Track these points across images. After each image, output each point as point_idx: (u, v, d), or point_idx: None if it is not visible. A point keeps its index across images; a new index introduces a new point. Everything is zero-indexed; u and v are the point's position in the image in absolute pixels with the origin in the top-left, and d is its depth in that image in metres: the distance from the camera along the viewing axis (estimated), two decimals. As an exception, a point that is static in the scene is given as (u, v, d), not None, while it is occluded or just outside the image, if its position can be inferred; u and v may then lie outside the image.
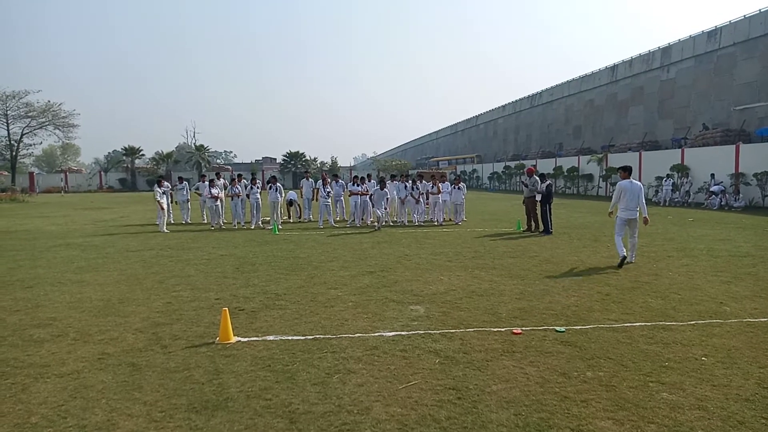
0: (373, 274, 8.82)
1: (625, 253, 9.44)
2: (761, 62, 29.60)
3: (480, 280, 8.25)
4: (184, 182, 19.82)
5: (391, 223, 17.76)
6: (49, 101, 55.67)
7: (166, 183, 18.02)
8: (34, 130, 55.65)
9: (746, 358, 4.78)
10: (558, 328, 5.69)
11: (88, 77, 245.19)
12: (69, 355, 5.06)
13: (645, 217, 9.66)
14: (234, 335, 5.47)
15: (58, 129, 57.02)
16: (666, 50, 37.63)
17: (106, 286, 8.10)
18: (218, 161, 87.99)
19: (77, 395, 4.15)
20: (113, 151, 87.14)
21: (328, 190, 17.47)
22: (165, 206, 16.66)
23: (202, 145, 66.51)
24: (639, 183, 9.91)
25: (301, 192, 19.80)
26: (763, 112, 29.17)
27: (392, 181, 19.37)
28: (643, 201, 9.71)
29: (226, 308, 5.59)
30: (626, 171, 10.12)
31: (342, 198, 19.00)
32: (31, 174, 59.83)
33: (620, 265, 9.29)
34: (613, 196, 9.99)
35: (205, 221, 18.68)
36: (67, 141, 64.66)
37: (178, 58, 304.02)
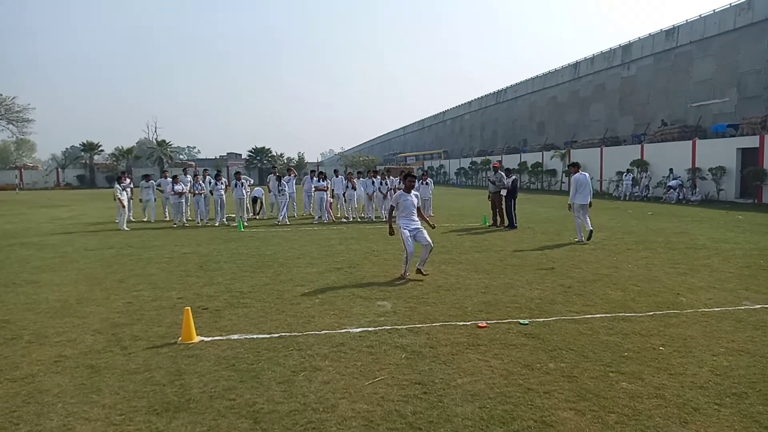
0: (340, 271, 8.79)
1: (582, 238, 11.60)
2: (716, 61, 30.66)
3: (446, 275, 8.31)
4: (151, 181, 19.20)
5: (359, 219, 17.75)
6: (1, 95, 53.59)
7: (127, 179, 17.56)
8: (-14, 125, 53.48)
9: (701, 347, 4.95)
10: (522, 321, 5.78)
11: (44, 70, 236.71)
12: (23, 358, 4.88)
13: (591, 202, 11.84)
14: (197, 335, 5.37)
15: (12, 124, 54.97)
16: (627, 48, 38.58)
17: (64, 287, 7.85)
18: (181, 157, 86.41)
19: (31, 400, 4.00)
20: (71, 147, 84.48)
21: (281, 187, 17.22)
22: (126, 203, 16.23)
23: (164, 141, 65.08)
24: (587, 174, 11.97)
25: (268, 188, 19.58)
26: (717, 109, 30.24)
27: (359, 178, 19.34)
28: (591, 189, 11.94)
29: (189, 307, 5.48)
30: (576, 166, 12.07)
31: (312, 193, 18.85)
32: (-17, 171, 57.44)
33: (589, 238, 11.58)
34: (572, 189, 11.74)
35: (168, 219, 18.28)
36: (22, 136, 62.51)
37: (139, 50, 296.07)
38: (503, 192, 14.81)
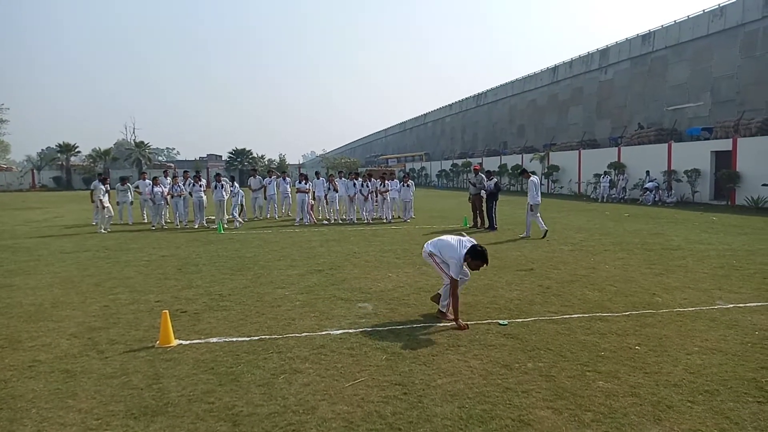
0: (321, 273, 8.77)
1: (530, 234, 13.03)
2: (690, 65, 31.29)
3: (428, 277, 8.34)
4: (127, 184, 18.94)
5: (340, 221, 17.73)
6: (-27, 95, 52.25)
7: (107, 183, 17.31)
8: (-43, 125, 52.09)
9: (675, 346, 5.05)
10: (501, 322, 5.83)
11: (19, 69, 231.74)
12: (-5, 363, 4.78)
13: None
14: (175, 338, 5.31)
15: (-15, 124, 53.57)
16: (604, 52, 39.16)
17: (39, 290, 7.70)
18: (160, 158, 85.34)
19: (4, 406, 3.92)
20: (47, 148, 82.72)
21: (233, 188, 17.15)
22: (107, 205, 15.93)
23: (142, 142, 64.13)
24: None
25: (250, 188, 19.52)
26: (692, 113, 30.86)
27: (340, 178, 19.35)
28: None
29: (167, 311, 5.41)
30: (527, 172, 14.28)
31: (289, 195, 18.81)
32: (-46, 172, 55.99)
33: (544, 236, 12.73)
34: (535, 190, 13.10)
35: (146, 221, 18.04)
36: (-5, 137, 60.95)
37: (117, 49, 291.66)
38: (483, 194, 14.95)
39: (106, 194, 16.05)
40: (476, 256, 5.69)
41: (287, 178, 18.81)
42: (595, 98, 39.93)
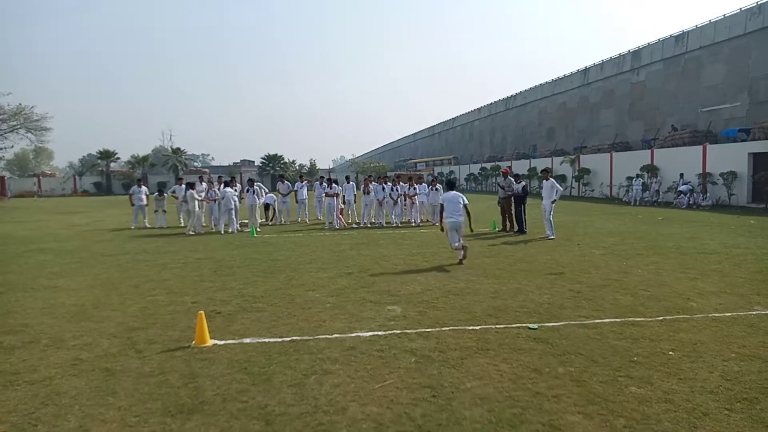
0: (351, 275, 8.85)
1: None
2: (726, 65, 30.44)
3: (456, 280, 8.34)
4: (165, 194, 19.46)
5: (369, 225, 17.83)
6: (20, 104, 54.10)
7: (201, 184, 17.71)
8: (5, 133, 53.95)
9: (711, 352, 4.95)
10: (531, 326, 5.80)
11: (62, 80, 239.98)
12: (41, 361, 4.99)
13: None
14: (210, 338, 5.45)
15: (31, 132, 55.41)
16: (636, 53, 38.43)
17: (80, 292, 7.98)
18: (195, 164, 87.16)
19: (49, 402, 4.11)
20: (88, 155, 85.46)
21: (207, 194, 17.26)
22: (196, 210, 16.36)
23: (178, 148, 65.72)
24: None
25: (279, 193, 19.80)
26: (728, 114, 30.01)
27: (372, 182, 19.45)
28: None
29: (202, 312, 5.57)
30: (549, 172, 14.62)
31: (323, 198, 18.98)
32: (2, 178, 58.13)
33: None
34: (555, 191, 13.55)
35: (182, 224, 18.46)
36: (40, 144, 62.89)
37: (154, 60, 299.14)
38: (509, 191, 14.91)
39: (195, 201, 16.47)
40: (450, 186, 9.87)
41: (323, 183, 18.94)
42: (627, 100, 39.19)
